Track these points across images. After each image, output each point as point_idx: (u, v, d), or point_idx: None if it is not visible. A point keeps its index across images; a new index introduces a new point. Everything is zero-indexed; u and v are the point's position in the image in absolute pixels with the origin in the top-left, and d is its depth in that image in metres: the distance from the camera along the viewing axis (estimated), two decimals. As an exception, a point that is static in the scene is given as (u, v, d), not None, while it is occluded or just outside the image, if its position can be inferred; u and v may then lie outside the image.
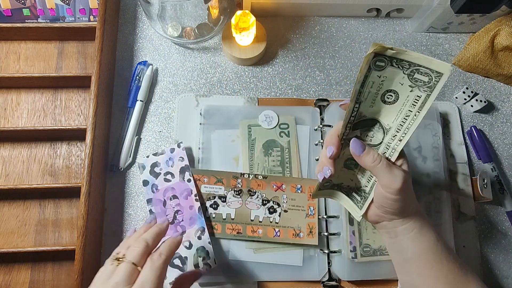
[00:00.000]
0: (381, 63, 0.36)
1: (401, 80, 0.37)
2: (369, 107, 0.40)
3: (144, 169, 0.53)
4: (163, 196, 0.52)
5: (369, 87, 0.38)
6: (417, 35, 0.67)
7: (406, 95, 0.38)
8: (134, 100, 0.59)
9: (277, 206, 0.52)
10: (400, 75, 0.37)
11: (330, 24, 0.66)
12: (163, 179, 0.53)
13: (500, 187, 0.59)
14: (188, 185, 0.52)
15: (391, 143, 0.41)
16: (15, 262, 0.55)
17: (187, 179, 0.53)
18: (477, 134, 0.60)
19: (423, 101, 0.38)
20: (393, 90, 0.38)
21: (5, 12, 0.63)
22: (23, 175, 0.58)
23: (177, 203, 0.52)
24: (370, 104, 0.39)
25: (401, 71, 0.37)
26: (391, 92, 0.38)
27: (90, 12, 0.64)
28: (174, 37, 0.63)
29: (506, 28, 0.59)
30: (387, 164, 0.39)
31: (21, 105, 0.61)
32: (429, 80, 0.36)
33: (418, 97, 0.38)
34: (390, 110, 0.40)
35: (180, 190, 0.52)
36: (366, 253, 0.51)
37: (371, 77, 0.37)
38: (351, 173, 0.46)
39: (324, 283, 0.52)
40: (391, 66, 0.36)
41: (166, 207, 0.52)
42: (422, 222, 0.42)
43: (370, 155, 0.40)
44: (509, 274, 0.56)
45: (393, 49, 0.35)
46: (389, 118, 0.40)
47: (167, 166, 0.53)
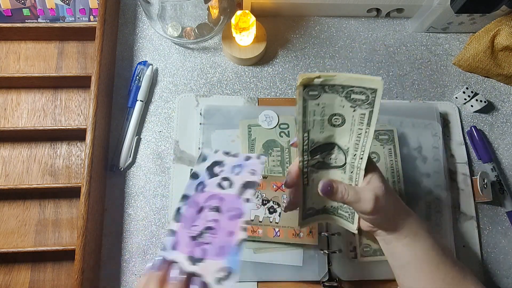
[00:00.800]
0: (314, 92, 0.36)
1: (340, 103, 0.38)
2: (320, 133, 0.40)
3: (203, 161, 0.43)
4: (204, 201, 0.39)
5: (312, 116, 0.38)
6: (417, 35, 0.67)
7: (351, 115, 0.38)
8: (134, 100, 0.59)
9: (277, 206, 0.52)
10: (338, 99, 0.37)
11: (330, 24, 0.66)
12: (217, 183, 0.40)
13: (500, 187, 0.59)
14: (243, 206, 0.38)
15: (354, 162, 0.41)
16: (15, 262, 0.55)
17: (246, 198, 0.39)
18: (477, 134, 0.60)
19: (368, 117, 0.38)
20: (337, 113, 0.39)
21: (5, 12, 0.63)
22: (23, 175, 0.58)
23: (215, 219, 0.38)
24: (320, 130, 0.40)
25: (337, 95, 0.37)
26: (336, 116, 0.39)
27: (90, 12, 0.64)
28: (174, 37, 0.63)
29: (506, 28, 0.59)
30: (354, 193, 0.40)
31: (21, 105, 0.61)
32: (366, 98, 0.37)
33: (362, 115, 0.38)
34: (342, 132, 0.40)
35: (228, 206, 0.38)
36: (366, 253, 0.51)
37: (310, 106, 0.37)
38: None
39: (324, 283, 0.52)
40: (325, 93, 0.37)
41: (199, 217, 0.39)
42: (415, 228, 0.42)
43: (338, 193, 0.41)
44: (509, 274, 0.56)
45: (320, 77, 0.35)
46: (344, 139, 0.40)
47: (231, 172, 0.41)
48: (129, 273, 0.53)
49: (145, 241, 0.54)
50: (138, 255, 0.54)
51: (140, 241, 0.54)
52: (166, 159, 0.58)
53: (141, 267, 0.53)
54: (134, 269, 0.53)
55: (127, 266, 0.53)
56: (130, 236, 0.55)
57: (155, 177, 0.57)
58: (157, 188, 0.56)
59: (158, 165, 0.57)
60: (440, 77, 0.64)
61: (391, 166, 0.56)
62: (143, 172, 0.57)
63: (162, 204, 0.56)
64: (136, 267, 0.53)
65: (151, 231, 0.55)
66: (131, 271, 0.53)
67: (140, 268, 0.53)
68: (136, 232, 0.55)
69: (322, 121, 0.39)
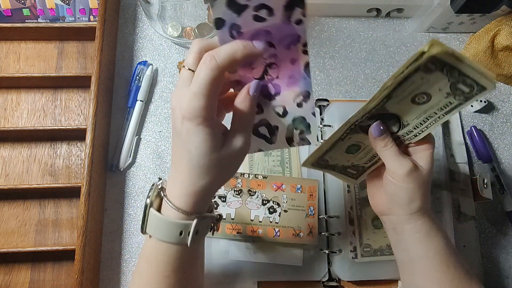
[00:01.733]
0: (432, 65, 0.32)
1: (441, 87, 0.34)
2: (396, 104, 0.37)
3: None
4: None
5: (405, 87, 0.34)
6: (417, 35, 0.67)
7: (439, 99, 0.35)
8: (134, 100, 0.59)
9: (277, 206, 0.52)
10: (444, 82, 0.33)
11: (330, 24, 0.66)
12: (252, 16, 0.31)
13: (500, 187, 0.59)
14: (296, 29, 0.32)
15: (405, 137, 0.40)
16: (15, 262, 0.55)
17: (295, 19, 0.32)
18: (477, 134, 0.60)
19: (453, 107, 0.35)
20: (427, 93, 0.35)
21: (5, 12, 0.63)
22: (23, 175, 0.58)
23: (272, 54, 0.34)
24: (398, 102, 0.37)
25: (447, 79, 0.33)
26: (424, 94, 0.35)
27: (90, 12, 0.64)
28: (174, 37, 0.63)
29: (506, 28, 0.59)
30: (396, 152, 0.39)
31: (21, 105, 0.61)
32: (469, 91, 0.33)
33: (450, 103, 0.35)
34: (416, 109, 0.37)
35: (279, 36, 0.33)
36: (367, 253, 0.51)
37: (415, 77, 0.33)
38: (351, 156, 0.44)
39: (324, 283, 0.52)
40: (440, 72, 0.32)
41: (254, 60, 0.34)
42: (431, 225, 0.41)
43: (384, 140, 0.39)
44: (509, 274, 0.56)
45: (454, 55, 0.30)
46: (411, 116, 0.38)
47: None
48: (129, 273, 0.53)
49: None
50: (138, 255, 0.54)
51: (140, 241, 0.54)
52: (166, 159, 0.58)
53: (141, 267, 0.53)
54: (134, 269, 0.53)
55: (127, 266, 0.53)
56: (130, 236, 0.55)
57: (155, 177, 0.57)
58: (157, 188, 0.56)
59: (158, 165, 0.57)
60: (440, 77, 0.64)
61: (391, 166, 0.56)
62: (143, 172, 0.57)
63: (162, 204, 0.56)
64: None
65: (151, 231, 0.55)
66: (131, 271, 0.53)
67: (140, 268, 0.53)
68: (136, 232, 0.55)
69: (409, 94, 0.35)
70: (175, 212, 0.34)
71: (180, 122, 0.32)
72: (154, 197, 0.36)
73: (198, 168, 0.33)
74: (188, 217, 0.35)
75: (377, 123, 0.39)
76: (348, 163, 0.45)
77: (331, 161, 0.45)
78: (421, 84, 0.34)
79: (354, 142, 0.42)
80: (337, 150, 0.43)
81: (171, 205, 0.34)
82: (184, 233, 0.35)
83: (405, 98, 0.36)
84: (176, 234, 0.34)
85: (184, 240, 0.35)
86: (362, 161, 0.45)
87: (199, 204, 0.35)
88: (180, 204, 0.34)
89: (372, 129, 0.39)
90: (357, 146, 0.42)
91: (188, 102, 0.31)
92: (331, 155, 0.43)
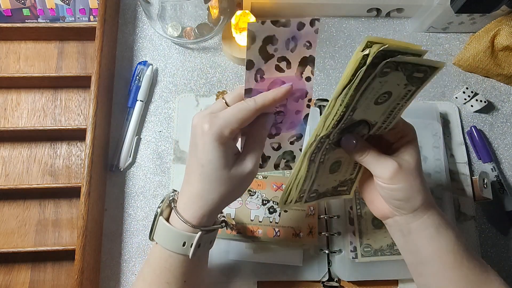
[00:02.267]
0: (387, 68, 0.33)
1: (399, 81, 0.35)
2: (362, 112, 0.37)
3: (253, 42, 0.35)
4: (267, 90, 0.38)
5: (367, 95, 0.35)
6: (417, 35, 0.67)
7: (399, 92, 0.36)
8: (134, 100, 0.59)
9: (277, 206, 0.52)
10: (400, 77, 0.35)
11: (330, 24, 0.66)
12: (275, 65, 0.37)
13: (500, 187, 0.59)
14: (305, 85, 0.39)
15: (378, 131, 0.40)
16: (15, 262, 0.55)
17: (306, 76, 0.38)
18: (477, 134, 0.60)
19: (412, 93, 0.36)
20: (388, 91, 0.36)
21: (5, 12, 0.63)
22: (23, 175, 0.58)
23: (282, 103, 0.39)
24: (363, 110, 0.37)
25: (402, 73, 0.34)
26: (385, 94, 0.36)
27: (90, 12, 0.64)
28: (174, 37, 0.63)
29: (506, 28, 0.59)
30: (376, 155, 0.39)
31: (21, 105, 0.61)
32: (424, 75, 0.35)
33: (409, 91, 0.36)
34: (380, 108, 0.37)
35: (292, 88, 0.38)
36: (367, 253, 0.51)
37: (373, 84, 0.34)
38: (336, 175, 0.44)
39: (324, 283, 0.52)
40: (396, 71, 0.33)
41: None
42: (438, 219, 0.39)
43: (360, 150, 0.39)
44: (509, 274, 0.56)
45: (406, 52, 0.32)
46: (377, 116, 0.38)
47: (286, 49, 0.36)
48: (129, 273, 0.53)
49: (145, 241, 0.54)
50: (138, 255, 0.54)
51: (140, 241, 0.54)
52: (166, 159, 0.58)
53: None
54: (134, 269, 0.53)
55: (127, 266, 0.53)
56: (130, 236, 0.55)
57: (155, 177, 0.57)
58: (157, 188, 0.56)
59: (158, 165, 0.57)
60: (440, 77, 0.64)
61: (391, 166, 0.56)
62: (143, 172, 0.57)
63: (162, 204, 0.56)
64: (136, 267, 0.53)
65: (151, 231, 0.55)
66: (131, 271, 0.53)
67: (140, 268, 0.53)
68: (136, 232, 0.55)
69: (371, 100, 0.36)
70: (181, 223, 0.37)
71: (200, 138, 0.36)
72: (165, 207, 0.39)
73: (208, 182, 0.36)
74: (193, 229, 0.37)
75: (346, 137, 0.39)
76: (336, 183, 0.45)
77: (320, 189, 0.44)
78: (380, 87, 0.35)
79: (334, 160, 0.42)
80: (322, 175, 0.42)
81: (179, 216, 0.37)
82: (187, 245, 0.37)
83: (368, 104, 0.36)
84: (179, 245, 0.37)
85: (187, 251, 0.37)
86: (347, 174, 0.44)
87: (205, 218, 0.37)
88: (187, 216, 0.37)
89: (344, 145, 0.39)
90: (338, 162, 0.42)
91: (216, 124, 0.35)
92: (319, 183, 0.43)
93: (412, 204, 0.39)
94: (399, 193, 0.38)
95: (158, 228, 0.38)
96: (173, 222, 0.38)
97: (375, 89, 0.35)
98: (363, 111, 0.37)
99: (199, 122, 0.36)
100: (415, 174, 0.38)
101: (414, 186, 0.38)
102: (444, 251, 0.39)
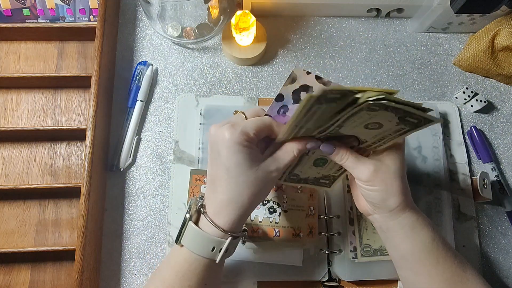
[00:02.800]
0: (376, 107, 0.33)
1: (390, 119, 0.36)
2: (350, 129, 0.39)
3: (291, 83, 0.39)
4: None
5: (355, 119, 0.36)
6: (417, 35, 0.67)
7: (390, 127, 0.37)
8: (134, 100, 0.59)
9: (277, 206, 0.52)
10: (391, 116, 0.36)
11: (330, 24, 0.66)
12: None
13: (500, 187, 0.59)
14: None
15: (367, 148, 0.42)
16: (15, 262, 0.55)
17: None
18: (477, 134, 0.60)
19: (406, 131, 0.38)
20: (379, 122, 0.37)
21: (5, 12, 0.63)
22: (23, 175, 0.58)
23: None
24: (351, 128, 0.38)
25: (393, 114, 0.35)
26: (376, 123, 0.37)
27: (90, 12, 0.64)
28: (174, 37, 0.63)
29: (506, 28, 0.59)
30: (354, 159, 0.41)
31: (21, 105, 0.61)
32: (418, 123, 0.36)
33: (402, 128, 0.37)
34: (370, 133, 0.39)
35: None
36: (367, 253, 0.51)
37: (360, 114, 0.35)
38: (320, 169, 0.46)
39: (324, 283, 0.52)
40: (385, 111, 0.34)
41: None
42: (414, 219, 0.41)
43: (338, 155, 0.41)
44: (509, 274, 0.56)
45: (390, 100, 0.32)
46: (367, 137, 0.40)
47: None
48: (129, 273, 0.53)
49: (145, 241, 0.54)
50: (138, 255, 0.54)
51: (140, 241, 0.54)
52: (166, 159, 0.58)
53: (141, 267, 0.53)
54: (134, 269, 0.53)
55: (127, 266, 0.53)
56: (130, 236, 0.55)
57: (155, 177, 0.57)
58: (157, 188, 0.56)
59: (158, 165, 0.57)
60: (440, 77, 0.64)
61: (391, 166, 0.56)
62: (143, 172, 0.57)
63: (162, 204, 0.56)
64: (136, 267, 0.53)
65: (151, 231, 0.55)
66: (131, 271, 0.53)
67: (140, 268, 0.53)
68: (136, 232, 0.55)
69: (360, 124, 0.37)
70: (212, 228, 0.38)
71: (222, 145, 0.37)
72: (194, 212, 0.40)
73: (236, 185, 0.38)
74: (224, 235, 0.38)
75: (324, 144, 0.41)
76: (319, 175, 0.47)
77: (302, 175, 0.46)
78: (369, 118, 0.36)
79: (319, 156, 0.43)
80: (305, 164, 0.44)
81: (210, 222, 0.38)
82: (216, 250, 0.38)
83: (357, 126, 0.38)
84: (208, 249, 0.38)
85: (215, 256, 0.39)
86: (331, 171, 0.46)
87: (236, 223, 0.39)
88: (219, 222, 0.38)
89: (323, 150, 0.41)
90: (324, 159, 0.44)
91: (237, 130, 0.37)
92: (301, 169, 0.45)
93: (388, 205, 0.41)
94: (375, 194, 0.41)
95: (188, 232, 0.39)
96: (203, 227, 0.39)
97: (363, 118, 0.36)
98: (351, 129, 0.39)
99: (219, 131, 0.38)
100: (392, 177, 0.40)
101: (389, 189, 0.40)
102: (418, 249, 0.41)
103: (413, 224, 0.41)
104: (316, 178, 0.47)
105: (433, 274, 0.41)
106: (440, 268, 0.41)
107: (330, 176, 0.47)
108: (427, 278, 0.41)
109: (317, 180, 0.47)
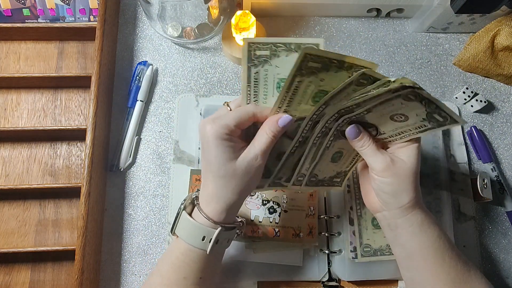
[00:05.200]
0: (413, 97, 0.34)
1: (418, 113, 0.37)
2: (376, 118, 0.39)
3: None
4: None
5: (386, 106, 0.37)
6: (417, 35, 0.67)
7: (414, 121, 0.38)
8: (134, 100, 0.59)
9: (277, 206, 0.52)
10: (421, 110, 0.36)
11: (330, 24, 0.66)
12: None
13: (500, 187, 0.59)
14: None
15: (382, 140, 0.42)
16: (15, 262, 0.55)
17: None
18: (477, 134, 0.60)
19: (427, 129, 0.38)
20: (405, 115, 0.38)
21: (5, 12, 0.63)
22: (23, 175, 0.58)
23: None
24: (377, 116, 0.39)
25: (424, 108, 0.36)
26: (402, 115, 0.38)
27: (90, 12, 0.64)
28: (174, 37, 0.63)
29: (506, 28, 0.59)
30: (374, 149, 0.41)
31: (21, 105, 0.61)
32: (443, 121, 0.37)
33: (424, 125, 0.38)
34: (393, 124, 0.39)
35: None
36: (367, 253, 0.51)
37: (395, 101, 0.36)
38: (335, 165, 0.46)
39: (324, 283, 0.52)
40: (419, 103, 0.35)
41: None
42: (422, 217, 0.41)
43: (362, 140, 0.41)
44: (509, 274, 0.56)
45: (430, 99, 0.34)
46: (387, 128, 0.40)
47: None
48: (129, 273, 0.53)
49: (145, 241, 0.54)
50: (138, 255, 0.54)
51: (140, 241, 0.54)
52: (166, 159, 0.58)
53: (141, 267, 0.53)
54: (134, 269, 0.53)
55: (127, 266, 0.53)
56: (130, 236, 0.55)
57: (155, 177, 0.57)
58: (157, 188, 0.56)
59: (158, 165, 0.57)
60: (440, 77, 0.64)
61: (391, 166, 0.56)
62: (143, 172, 0.57)
63: (162, 204, 0.56)
64: (136, 267, 0.53)
65: (151, 231, 0.55)
66: (131, 271, 0.53)
67: (140, 268, 0.53)
68: (136, 232, 0.55)
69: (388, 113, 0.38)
70: (203, 218, 0.40)
71: (204, 139, 0.38)
72: (188, 203, 0.42)
73: (219, 178, 0.39)
74: (214, 225, 0.39)
75: (352, 126, 0.41)
76: (333, 173, 0.47)
77: (320, 175, 0.46)
78: (400, 107, 0.37)
79: (337, 149, 0.44)
80: (324, 161, 0.44)
81: (201, 211, 0.40)
82: (206, 239, 0.39)
83: (384, 115, 0.38)
84: (199, 239, 0.39)
85: (205, 246, 0.39)
86: (344, 166, 0.46)
87: (224, 214, 0.40)
88: (208, 212, 0.40)
89: (348, 132, 0.41)
90: (340, 153, 0.44)
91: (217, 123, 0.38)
92: (320, 168, 0.45)
93: (398, 201, 0.41)
94: (388, 187, 0.41)
95: (181, 222, 0.41)
96: (195, 217, 0.40)
97: (395, 106, 0.36)
98: (377, 118, 0.39)
99: (203, 125, 0.39)
100: (407, 173, 0.41)
101: (402, 184, 0.41)
102: (425, 247, 0.41)
103: (422, 221, 0.41)
104: (330, 178, 0.47)
105: (439, 272, 0.41)
106: (446, 266, 0.41)
107: (342, 173, 0.47)
108: (433, 277, 0.41)
109: (331, 180, 0.47)
